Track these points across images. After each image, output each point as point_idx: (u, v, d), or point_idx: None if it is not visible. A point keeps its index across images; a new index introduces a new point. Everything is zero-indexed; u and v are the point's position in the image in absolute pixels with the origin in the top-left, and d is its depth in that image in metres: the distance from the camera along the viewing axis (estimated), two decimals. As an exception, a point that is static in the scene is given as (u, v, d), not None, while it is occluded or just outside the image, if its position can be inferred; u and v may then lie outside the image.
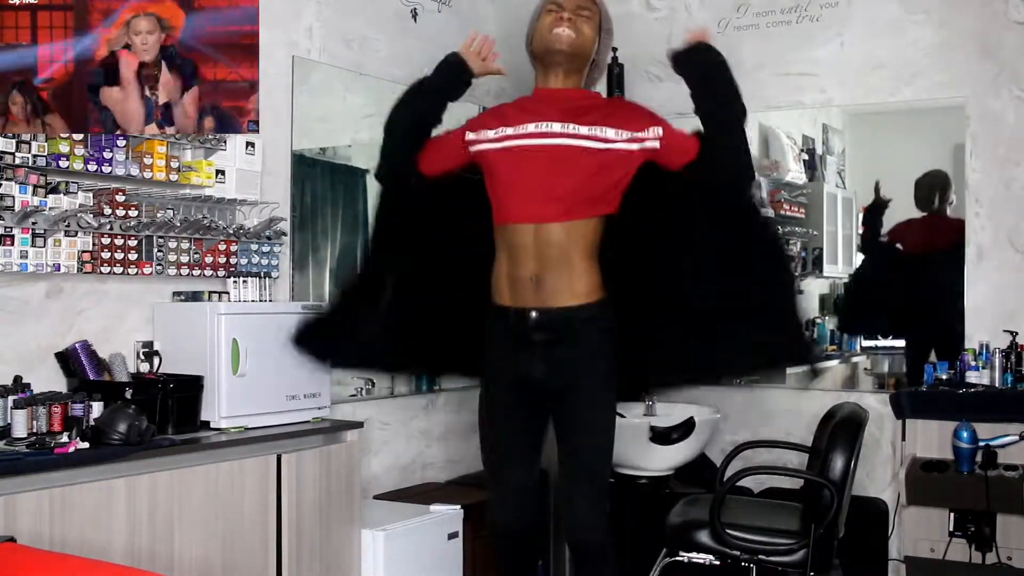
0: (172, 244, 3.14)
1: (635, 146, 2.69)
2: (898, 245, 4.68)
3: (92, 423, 2.73)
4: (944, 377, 4.09)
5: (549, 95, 2.74)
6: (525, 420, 2.74)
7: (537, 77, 2.81)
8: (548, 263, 2.57)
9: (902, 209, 4.70)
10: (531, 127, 2.66)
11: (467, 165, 2.85)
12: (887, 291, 4.82)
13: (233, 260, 3.34)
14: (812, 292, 5.47)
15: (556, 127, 2.63)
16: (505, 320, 2.63)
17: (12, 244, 2.75)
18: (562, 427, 2.75)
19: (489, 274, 2.77)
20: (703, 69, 2.76)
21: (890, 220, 4.82)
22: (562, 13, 2.70)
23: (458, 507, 3.71)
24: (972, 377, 4.04)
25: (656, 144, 2.71)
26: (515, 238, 2.62)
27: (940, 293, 4.45)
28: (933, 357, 4.30)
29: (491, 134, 2.72)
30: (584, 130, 2.61)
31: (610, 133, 2.64)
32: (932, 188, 4.48)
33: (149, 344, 3.12)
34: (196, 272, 3.23)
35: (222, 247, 3.30)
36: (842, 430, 3.47)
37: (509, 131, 2.68)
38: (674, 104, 4.86)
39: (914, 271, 4.64)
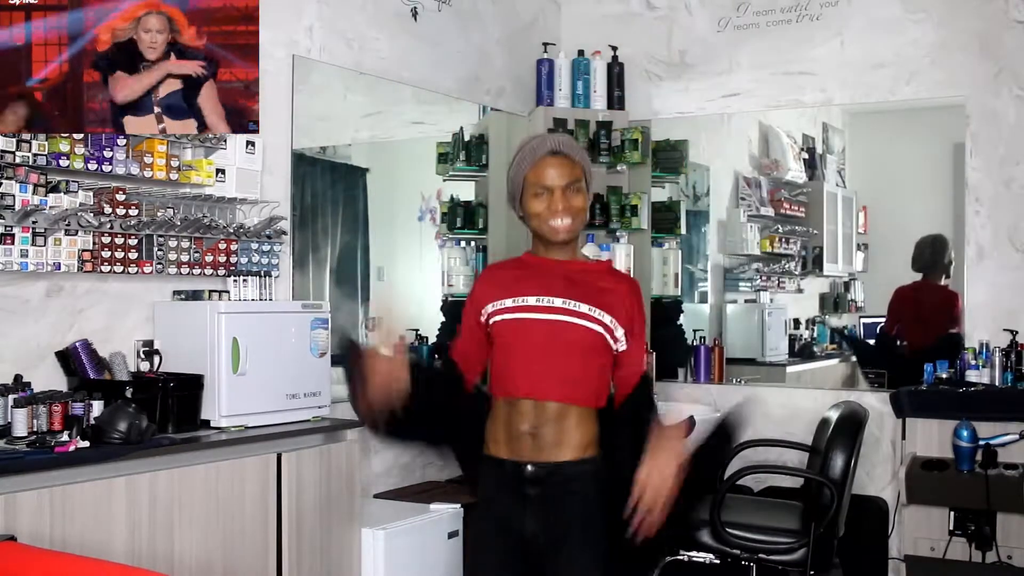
0: (172, 243, 3.14)
1: (616, 346, 2.50)
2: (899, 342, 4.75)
3: (92, 422, 2.73)
4: (944, 376, 4.10)
5: (551, 266, 2.54)
6: (512, 569, 2.52)
7: (533, 240, 2.61)
8: (546, 420, 2.44)
9: (902, 216, 4.71)
10: (531, 300, 2.49)
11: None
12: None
13: (233, 259, 3.34)
14: (812, 292, 5.47)
15: (558, 302, 2.47)
16: (501, 471, 2.49)
17: (12, 243, 2.74)
18: None
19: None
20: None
21: (891, 221, 4.82)
22: (554, 202, 2.47)
23: (458, 506, 3.70)
24: (972, 376, 4.05)
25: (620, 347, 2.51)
26: (514, 405, 2.48)
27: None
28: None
29: (508, 303, 2.52)
30: (584, 308, 2.46)
31: (607, 318, 2.47)
32: (933, 249, 4.51)
33: (149, 343, 3.12)
34: (196, 271, 3.22)
35: (222, 246, 3.30)
36: (842, 429, 3.47)
37: (508, 303, 2.50)
38: (674, 104, 4.91)
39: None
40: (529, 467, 2.44)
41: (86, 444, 2.62)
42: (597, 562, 2.47)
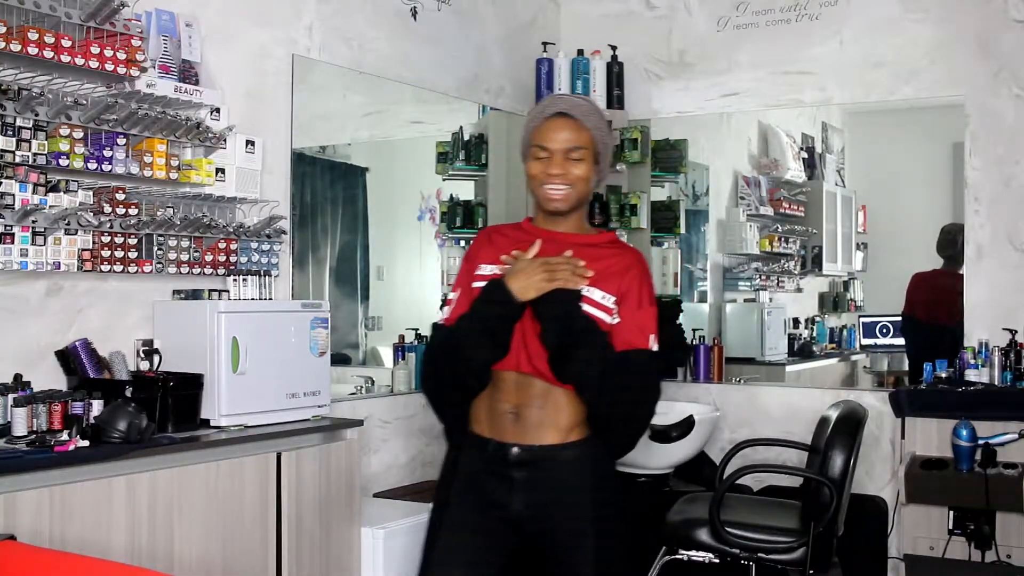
0: (172, 242, 3.14)
1: (611, 319, 2.34)
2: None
3: (92, 421, 2.73)
4: (943, 375, 4.10)
5: (550, 237, 2.40)
6: (482, 553, 2.36)
7: (535, 207, 2.46)
8: (530, 399, 2.31)
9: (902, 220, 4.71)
10: None
11: None
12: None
13: (233, 258, 3.34)
14: (811, 291, 5.48)
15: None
16: (484, 450, 2.36)
17: (12, 242, 2.74)
18: None
19: None
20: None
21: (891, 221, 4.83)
22: (551, 165, 2.33)
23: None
24: (971, 375, 4.05)
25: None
26: (497, 382, 2.35)
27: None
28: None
29: (498, 271, 2.37)
30: (583, 289, 2.30)
31: (597, 294, 2.33)
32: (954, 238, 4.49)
33: (149, 342, 3.12)
34: (196, 270, 3.22)
35: (222, 245, 3.30)
36: (841, 428, 3.48)
37: (499, 271, 2.35)
38: (674, 103, 4.91)
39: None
40: (514, 449, 2.32)
41: (86, 443, 2.61)
42: (602, 552, 2.33)
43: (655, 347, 2.40)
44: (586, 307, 2.29)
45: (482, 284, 2.34)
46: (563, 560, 2.35)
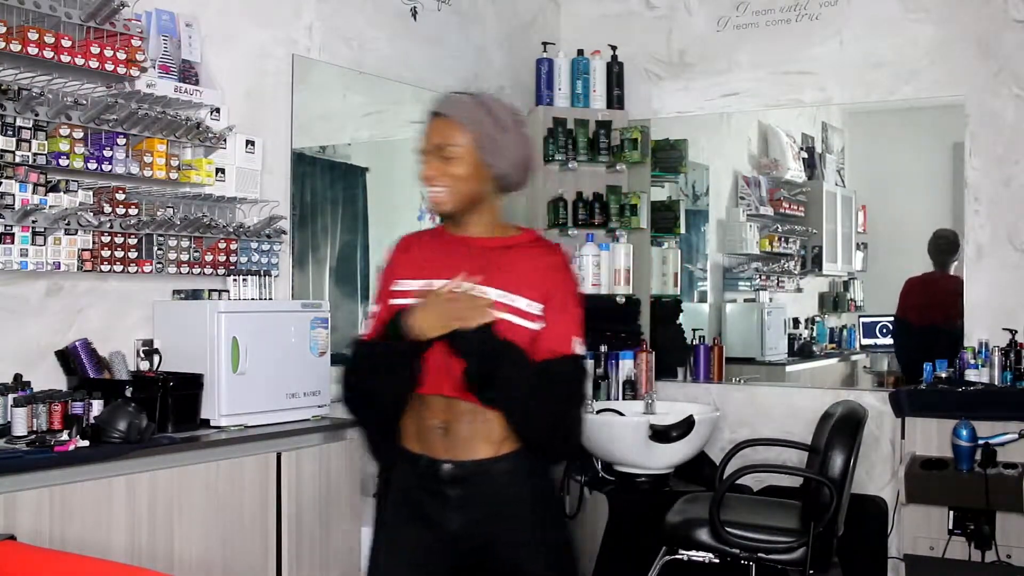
0: (172, 242, 3.14)
1: (536, 325, 2.21)
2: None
3: (92, 421, 2.73)
4: (943, 375, 4.10)
5: (463, 242, 2.28)
6: (422, 573, 2.28)
7: None
8: (458, 415, 2.21)
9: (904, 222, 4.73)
10: (437, 284, 2.21)
11: None
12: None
13: (233, 258, 3.34)
14: (811, 291, 5.48)
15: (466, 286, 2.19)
16: (416, 466, 2.26)
17: (12, 242, 2.74)
18: None
19: None
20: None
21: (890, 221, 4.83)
22: (425, 168, 2.25)
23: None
24: (971, 375, 4.05)
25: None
26: (423, 399, 2.25)
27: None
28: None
29: (415, 285, 2.26)
30: (494, 294, 2.17)
31: (521, 302, 2.20)
32: (948, 242, 4.55)
33: (149, 342, 3.12)
34: (196, 270, 3.22)
35: (222, 245, 3.30)
36: (841, 428, 3.48)
37: (416, 284, 2.25)
38: (674, 103, 4.91)
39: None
40: (446, 466, 2.21)
41: (86, 443, 2.61)
42: (548, 565, 2.24)
43: (579, 350, 2.26)
44: (510, 317, 2.17)
45: (401, 301, 2.22)
46: (508, 571, 2.25)
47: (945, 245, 4.56)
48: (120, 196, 2.98)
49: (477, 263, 2.22)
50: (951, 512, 3.85)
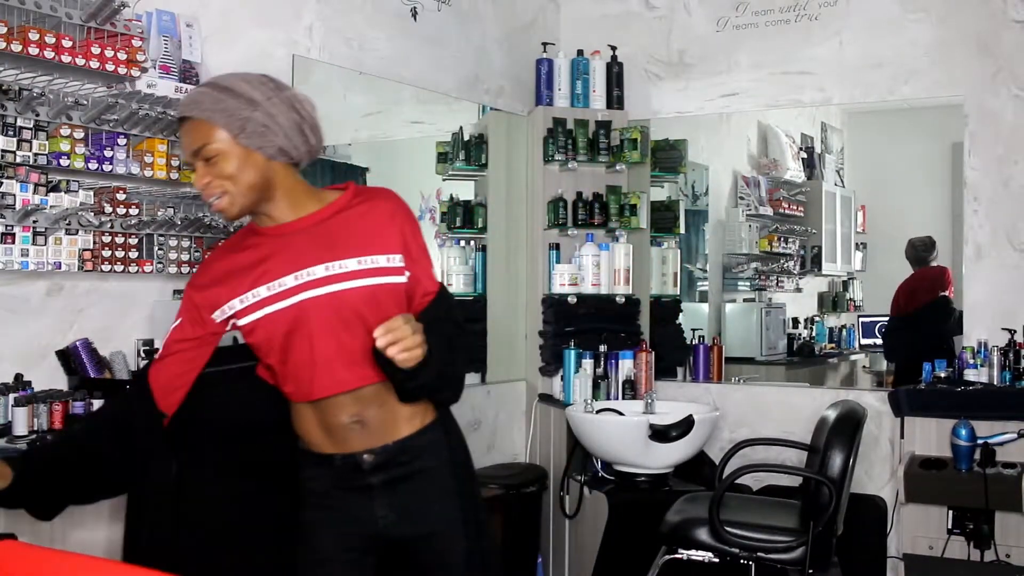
0: (173, 242, 3.15)
1: (404, 278, 2.15)
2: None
3: (93, 421, 2.74)
4: (943, 375, 4.10)
5: (288, 230, 2.15)
6: (362, 565, 2.21)
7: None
8: (367, 404, 2.11)
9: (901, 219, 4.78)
10: (290, 280, 2.10)
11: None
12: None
13: (233, 258, 3.34)
14: (811, 291, 5.49)
15: (319, 271, 2.08)
16: (331, 466, 2.16)
17: (13, 242, 2.75)
18: None
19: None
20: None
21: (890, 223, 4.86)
22: (196, 180, 2.11)
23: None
24: (970, 375, 4.05)
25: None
26: (321, 404, 2.14)
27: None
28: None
29: (260, 294, 2.12)
30: (352, 264, 2.08)
31: (381, 259, 2.12)
32: (925, 245, 4.82)
33: (150, 342, 3.12)
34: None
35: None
36: (841, 428, 3.48)
37: (260, 293, 2.12)
38: (673, 103, 4.92)
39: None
40: (366, 456, 2.12)
41: (87, 443, 2.62)
42: (472, 542, 2.19)
43: (438, 280, 2.23)
44: (380, 279, 2.08)
45: (259, 314, 2.10)
46: (441, 549, 2.19)
47: (922, 246, 4.70)
48: (121, 196, 2.98)
49: (317, 242, 2.10)
50: (950, 512, 3.86)
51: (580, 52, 4.77)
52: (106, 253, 2.95)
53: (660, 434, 3.93)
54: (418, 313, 2.12)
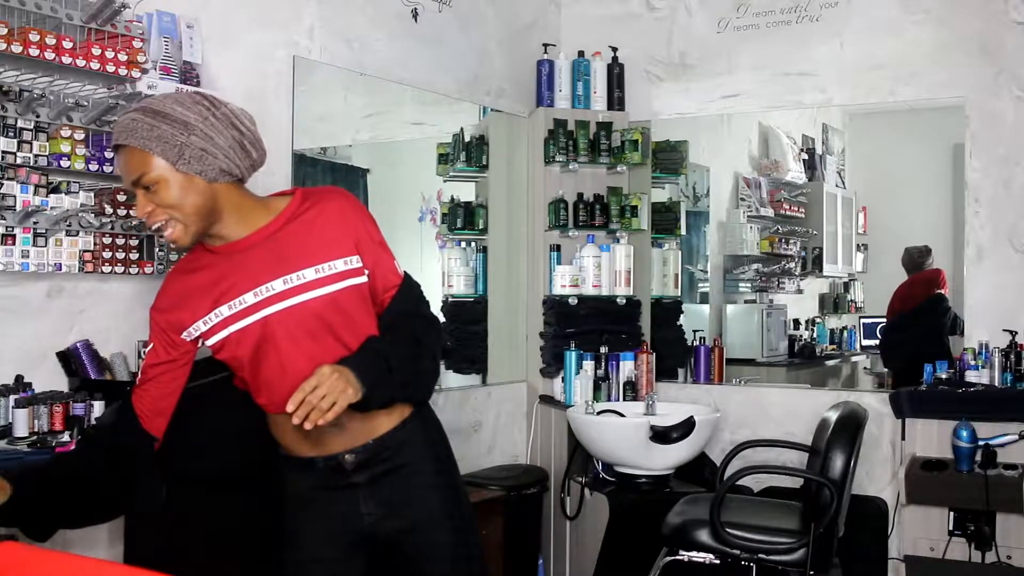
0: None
1: (364, 278, 2.16)
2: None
3: (93, 422, 2.73)
4: (944, 376, 4.10)
5: (244, 248, 2.13)
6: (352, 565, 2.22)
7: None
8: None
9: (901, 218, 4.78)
10: (249, 298, 2.09)
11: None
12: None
13: (234, 260, 3.34)
14: (812, 292, 5.49)
15: (278, 285, 2.08)
16: (312, 470, 2.18)
17: (13, 244, 2.75)
18: None
19: None
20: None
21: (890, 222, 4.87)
22: (138, 210, 2.07)
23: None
24: (972, 376, 4.05)
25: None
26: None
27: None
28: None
29: (222, 313, 2.13)
30: (311, 273, 2.08)
31: (339, 264, 2.11)
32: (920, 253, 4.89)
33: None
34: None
35: (223, 247, 3.30)
36: (842, 429, 3.48)
37: (222, 313, 2.11)
38: (674, 105, 4.91)
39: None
40: (347, 456, 2.14)
41: (87, 444, 2.61)
42: (458, 535, 2.21)
43: (400, 267, 2.22)
44: (341, 284, 2.09)
45: (227, 332, 2.10)
46: (425, 542, 2.20)
47: (917, 254, 4.78)
48: (121, 197, 2.98)
49: (272, 256, 2.10)
50: (951, 513, 3.86)
51: (581, 53, 4.77)
52: (107, 254, 2.95)
53: (661, 435, 3.92)
54: (383, 309, 2.16)
